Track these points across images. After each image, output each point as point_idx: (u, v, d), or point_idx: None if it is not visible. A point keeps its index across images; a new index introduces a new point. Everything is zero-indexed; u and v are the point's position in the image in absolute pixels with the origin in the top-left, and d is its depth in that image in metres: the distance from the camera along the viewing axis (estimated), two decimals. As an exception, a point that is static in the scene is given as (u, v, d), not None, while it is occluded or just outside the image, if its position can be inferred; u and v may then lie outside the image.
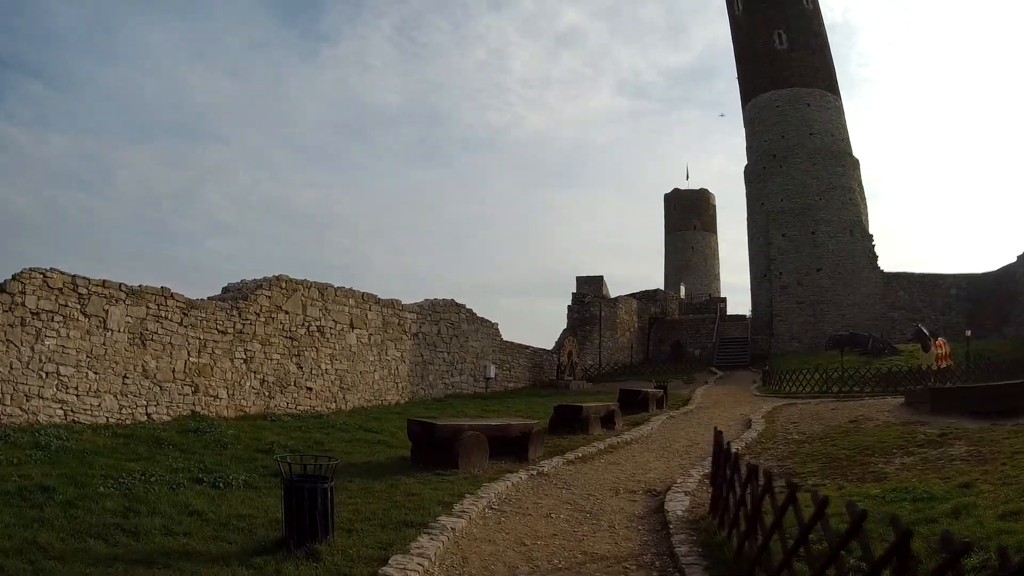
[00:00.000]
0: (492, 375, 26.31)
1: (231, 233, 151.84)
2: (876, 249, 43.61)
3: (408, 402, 21.50)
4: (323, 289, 19.11)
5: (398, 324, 21.83)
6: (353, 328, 19.98)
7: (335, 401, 19.10)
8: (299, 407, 17.82)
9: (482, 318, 26.44)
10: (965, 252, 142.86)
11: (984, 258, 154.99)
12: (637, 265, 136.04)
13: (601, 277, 48.80)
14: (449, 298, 24.71)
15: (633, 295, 48.92)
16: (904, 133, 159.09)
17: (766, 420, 17.72)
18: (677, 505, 9.00)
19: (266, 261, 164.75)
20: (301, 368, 18.15)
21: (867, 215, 45.95)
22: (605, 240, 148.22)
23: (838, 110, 47.56)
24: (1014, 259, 38.55)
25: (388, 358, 21.24)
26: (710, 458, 10.82)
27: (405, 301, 22.68)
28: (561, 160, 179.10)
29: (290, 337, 17.95)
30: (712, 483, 8.68)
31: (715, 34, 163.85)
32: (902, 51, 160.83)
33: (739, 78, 50.95)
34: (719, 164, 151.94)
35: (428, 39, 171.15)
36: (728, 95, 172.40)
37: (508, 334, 28.05)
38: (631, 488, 10.59)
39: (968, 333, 28.07)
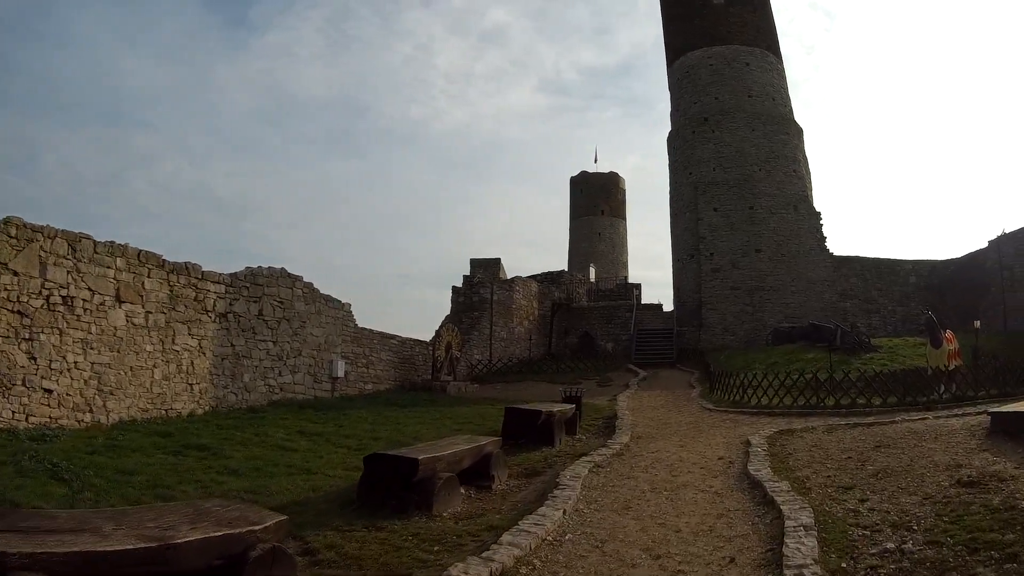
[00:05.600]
0: (341, 373, 21.97)
1: (152, 220, 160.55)
2: (824, 230, 41.81)
3: (209, 412, 16.98)
4: (75, 242, 14.43)
5: (195, 299, 17.18)
6: (121, 302, 15.32)
7: (91, 410, 14.49)
8: (32, 418, 13.26)
9: (327, 296, 22.03)
10: (915, 241, 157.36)
11: (939, 246, 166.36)
12: (551, 258, 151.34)
13: (498, 260, 45.58)
14: (278, 266, 20.17)
15: (534, 276, 45.53)
16: (839, 129, 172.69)
17: (790, 482, 10.15)
18: None
19: (183, 247, 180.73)
20: (35, 359, 13.53)
21: (812, 190, 44.19)
22: (520, 232, 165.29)
23: (780, 74, 46.28)
24: (984, 244, 37.16)
25: (177, 348, 16.59)
26: None
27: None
28: (479, 154, 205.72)
29: (18, 311, 13.33)
30: None
31: (641, 36, 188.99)
32: (821, 56, 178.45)
33: (666, 36, 49.38)
34: (635, 161, 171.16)
35: (357, 31, 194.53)
36: (650, 93, 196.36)
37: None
38: None
39: (977, 324, 25.24)
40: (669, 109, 48.19)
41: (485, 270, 43.56)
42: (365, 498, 9.26)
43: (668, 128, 47.85)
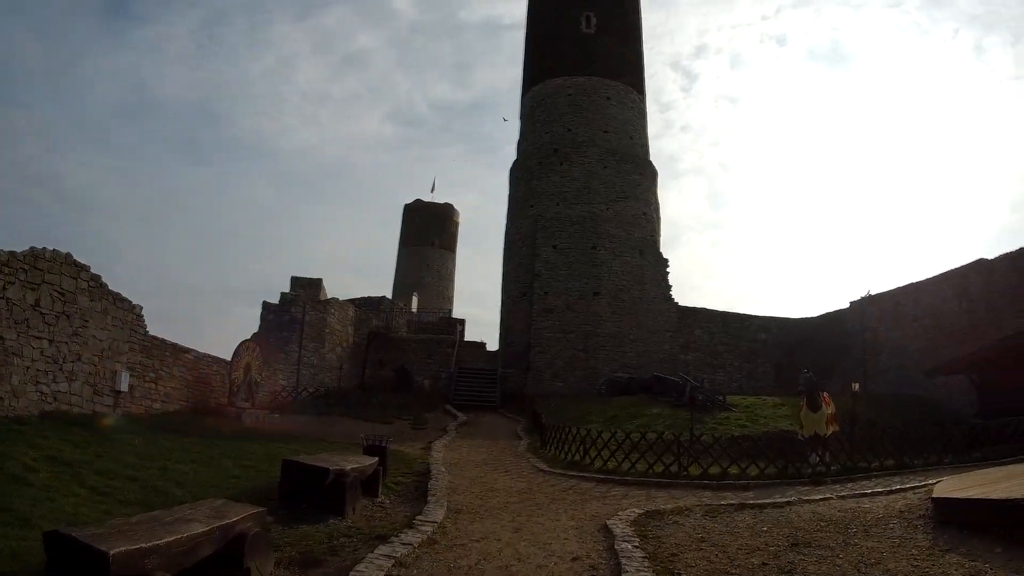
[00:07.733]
0: (125, 388, 20.27)
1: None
2: (671, 279, 43.11)
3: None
4: None
5: (-38, 278, 15.45)
6: None
7: None
8: None
9: (116, 293, 20.31)
10: (766, 301, 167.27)
11: (790, 307, 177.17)
12: (378, 286, 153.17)
13: (320, 280, 44.91)
14: (63, 251, 18.48)
15: (353, 301, 44.71)
16: (690, 188, 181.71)
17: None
18: None
19: (20, 236, 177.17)
20: None
21: (661, 236, 45.61)
22: (350, 257, 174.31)
23: (641, 113, 47.91)
24: (845, 305, 39.53)
25: (-71, 336, 14.87)
26: None
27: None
28: (320, 176, 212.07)
29: None
30: None
31: (499, 77, 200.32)
32: (676, 114, 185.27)
33: (527, 63, 50.53)
34: (472, 199, 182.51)
35: (227, 37, 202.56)
36: (496, 134, 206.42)
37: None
38: None
39: (856, 387, 25.61)
40: (515, 151, 48.76)
41: (306, 290, 42.79)
42: None
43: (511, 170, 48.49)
